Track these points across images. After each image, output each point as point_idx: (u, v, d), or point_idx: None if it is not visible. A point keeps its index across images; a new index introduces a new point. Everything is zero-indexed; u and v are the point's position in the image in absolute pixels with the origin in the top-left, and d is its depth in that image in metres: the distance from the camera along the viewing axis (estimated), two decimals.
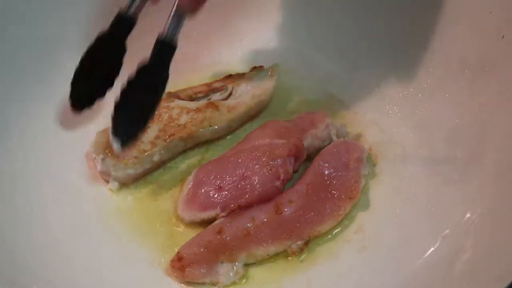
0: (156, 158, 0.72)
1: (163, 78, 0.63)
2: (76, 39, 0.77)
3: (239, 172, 0.68)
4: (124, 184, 0.73)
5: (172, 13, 0.60)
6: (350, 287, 0.63)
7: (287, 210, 0.66)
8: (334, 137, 0.74)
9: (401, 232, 0.66)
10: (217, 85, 0.79)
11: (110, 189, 0.72)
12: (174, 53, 0.63)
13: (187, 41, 0.86)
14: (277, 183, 0.67)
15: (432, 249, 0.63)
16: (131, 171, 0.71)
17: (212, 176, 0.69)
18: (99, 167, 0.71)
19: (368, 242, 0.66)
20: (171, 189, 0.73)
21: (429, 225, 0.65)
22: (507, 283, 0.50)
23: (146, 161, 0.72)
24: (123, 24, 0.64)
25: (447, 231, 0.63)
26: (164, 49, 0.61)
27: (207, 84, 0.79)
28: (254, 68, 0.81)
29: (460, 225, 0.62)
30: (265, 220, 0.65)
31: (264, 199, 0.67)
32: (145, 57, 0.63)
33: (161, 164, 0.75)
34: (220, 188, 0.68)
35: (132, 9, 0.63)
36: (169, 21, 0.60)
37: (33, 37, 0.75)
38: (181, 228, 0.69)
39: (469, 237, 0.61)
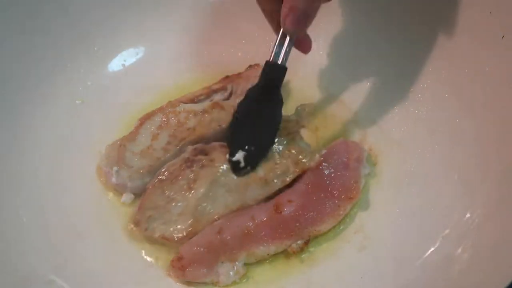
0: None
1: (279, 100, 0.65)
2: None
3: None
4: (138, 194, 0.71)
5: (278, 37, 0.62)
6: (350, 287, 0.63)
7: (286, 210, 0.66)
8: None
9: (401, 232, 0.66)
10: (216, 86, 0.79)
11: (123, 203, 0.71)
12: (285, 74, 0.64)
13: (187, 41, 0.87)
14: None
15: (432, 249, 0.62)
16: (147, 180, 0.71)
17: None
18: (114, 179, 0.70)
19: (368, 242, 0.66)
20: None
21: (429, 225, 0.65)
22: (507, 283, 0.50)
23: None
24: (273, 73, 0.65)
25: (447, 231, 0.63)
26: (273, 70, 0.63)
27: (206, 87, 0.79)
28: (250, 66, 0.81)
29: (460, 225, 0.62)
30: (264, 219, 0.65)
31: None
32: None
33: None
34: None
35: (277, 57, 0.64)
36: (275, 44, 0.63)
37: None
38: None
39: (469, 237, 0.61)
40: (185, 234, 0.65)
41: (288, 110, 0.81)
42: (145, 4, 0.85)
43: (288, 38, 0.63)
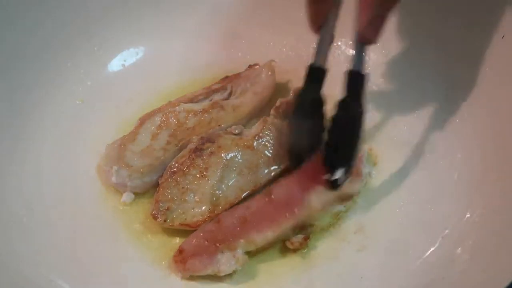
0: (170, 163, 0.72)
1: (361, 110, 0.62)
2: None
3: None
4: (139, 194, 0.72)
5: (355, 46, 0.61)
6: (350, 287, 0.63)
7: (278, 193, 0.66)
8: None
9: (401, 232, 0.66)
10: (216, 86, 0.79)
11: (123, 203, 0.71)
12: (367, 81, 0.63)
13: (187, 41, 0.87)
14: None
15: (432, 249, 0.63)
16: (147, 179, 0.71)
17: None
18: (114, 179, 0.70)
19: (368, 242, 0.66)
20: None
21: (429, 225, 0.65)
22: (507, 283, 0.50)
23: (160, 168, 0.72)
24: (316, 76, 0.64)
25: (447, 231, 0.63)
26: (356, 79, 0.61)
27: (206, 87, 0.79)
28: (250, 66, 0.81)
29: (460, 225, 0.63)
30: (258, 206, 0.66)
31: None
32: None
33: None
34: None
35: (320, 60, 0.63)
36: (355, 53, 0.61)
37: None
38: (181, 227, 0.69)
39: (469, 237, 0.61)
40: (205, 218, 0.67)
41: None
42: (146, 4, 0.85)
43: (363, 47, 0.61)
